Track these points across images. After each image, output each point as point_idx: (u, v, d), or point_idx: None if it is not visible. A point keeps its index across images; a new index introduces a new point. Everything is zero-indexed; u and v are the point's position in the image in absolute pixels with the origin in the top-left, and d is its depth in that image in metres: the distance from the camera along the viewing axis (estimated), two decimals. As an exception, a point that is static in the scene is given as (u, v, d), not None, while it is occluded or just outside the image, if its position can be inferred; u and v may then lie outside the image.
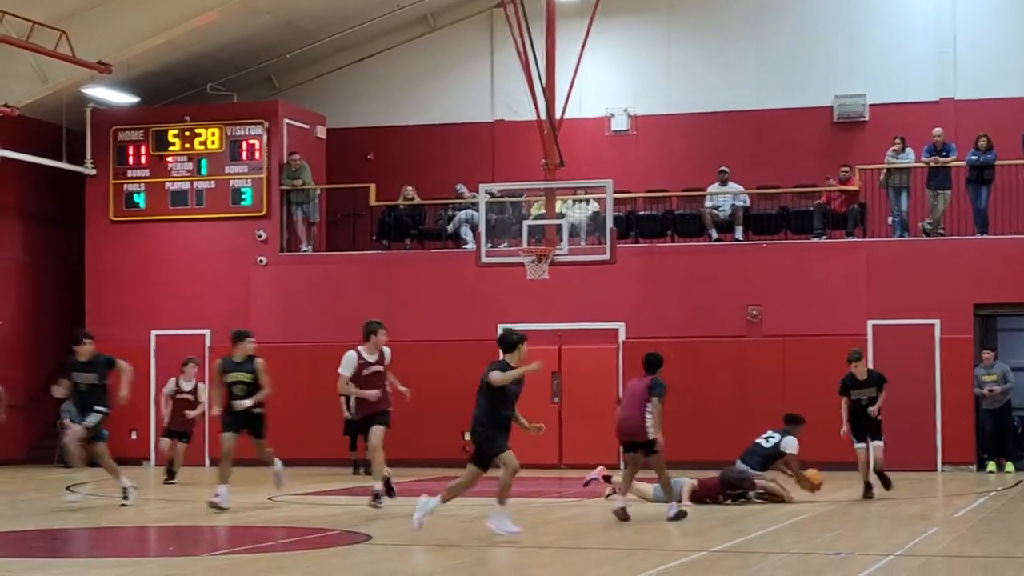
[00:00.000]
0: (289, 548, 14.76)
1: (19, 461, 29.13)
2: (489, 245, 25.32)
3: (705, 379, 26.12)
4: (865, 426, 19.96)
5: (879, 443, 20.02)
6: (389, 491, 18.31)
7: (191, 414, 24.30)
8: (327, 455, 27.46)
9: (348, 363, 17.74)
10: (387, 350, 18.12)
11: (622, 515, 16.90)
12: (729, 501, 19.38)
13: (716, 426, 25.36)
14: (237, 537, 15.84)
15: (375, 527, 16.39)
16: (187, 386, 24.41)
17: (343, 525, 16.91)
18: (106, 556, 14.46)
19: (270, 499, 20.74)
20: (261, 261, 29.44)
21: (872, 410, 19.86)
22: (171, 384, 24.57)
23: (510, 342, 15.27)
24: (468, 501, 21.38)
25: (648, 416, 17.07)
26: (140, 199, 30.33)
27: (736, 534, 15.62)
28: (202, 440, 26.99)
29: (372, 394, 17.72)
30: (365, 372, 17.78)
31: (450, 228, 29.32)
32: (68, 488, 20.72)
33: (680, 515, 17.06)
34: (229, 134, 30.02)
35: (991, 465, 25.62)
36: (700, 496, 19.35)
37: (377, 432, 17.80)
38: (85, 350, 19.85)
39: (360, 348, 17.90)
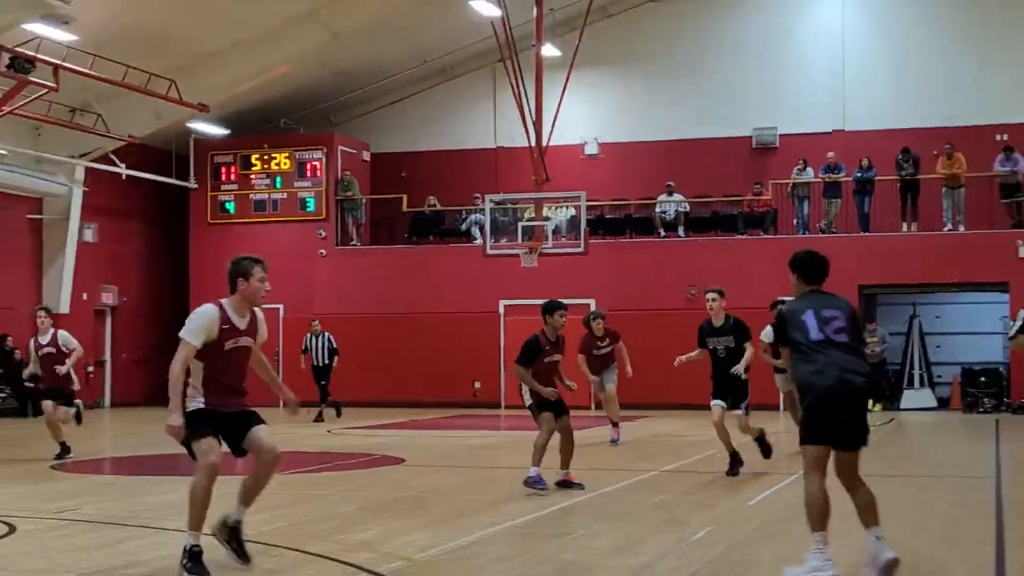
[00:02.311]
0: (340, 468, 14.79)
1: (138, 403, 29.19)
2: (493, 241, 25.34)
3: (655, 341, 26.01)
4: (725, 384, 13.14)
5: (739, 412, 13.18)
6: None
7: (62, 369, 15.58)
8: (377, 397, 27.59)
9: (203, 322, 7.74)
10: (259, 313, 8.17)
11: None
12: None
13: (664, 377, 25.12)
14: (301, 460, 15.86)
15: (408, 453, 16.44)
16: (44, 339, 15.75)
17: (383, 451, 16.96)
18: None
19: (329, 431, 20.76)
20: (322, 253, 29.49)
21: (737, 369, 12.88)
22: (31, 341, 16.29)
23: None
24: (475, 432, 21.33)
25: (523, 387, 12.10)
26: (230, 207, 30.38)
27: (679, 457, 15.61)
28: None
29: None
30: (229, 344, 7.78)
31: (463, 228, 29.37)
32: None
33: (537, 482, 11.66)
34: (297, 157, 30.08)
35: (871, 404, 25.66)
36: None
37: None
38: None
39: (224, 302, 7.99)
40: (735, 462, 13.18)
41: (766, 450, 13.72)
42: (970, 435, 20.81)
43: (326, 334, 24.63)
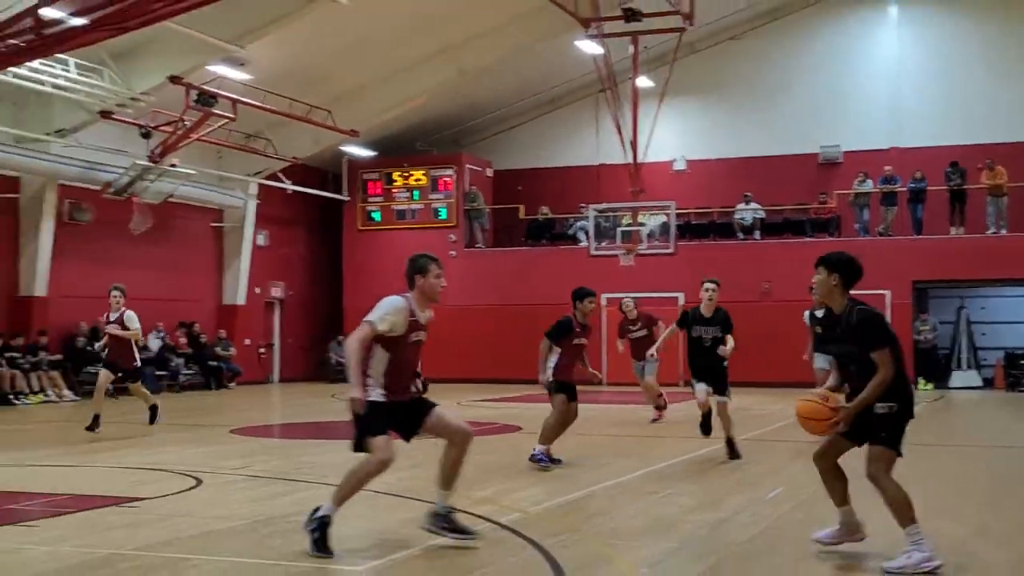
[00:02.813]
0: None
1: (303, 379, 29.81)
2: (596, 243, 25.34)
3: (736, 330, 25.88)
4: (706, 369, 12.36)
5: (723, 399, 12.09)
6: None
7: (112, 328, 14.42)
8: (498, 375, 27.71)
9: (390, 310, 7.09)
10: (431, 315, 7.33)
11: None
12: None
13: (743, 360, 24.88)
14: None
15: (524, 422, 16.50)
16: (112, 316, 14.48)
17: (503, 420, 17.07)
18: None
19: (458, 404, 20.88)
20: (452, 255, 29.70)
21: (724, 350, 12.34)
22: (103, 318, 14.99)
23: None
24: (580, 406, 21.15)
25: (550, 358, 11.28)
26: (376, 216, 30.77)
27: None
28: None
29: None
30: (413, 336, 7.03)
31: (571, 232, 29.39)
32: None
33: (542, 459, 11.04)
34: (431, 174, 30.33)
35: (922, 383, 25.18)
36: None
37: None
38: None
39: (408, 295, 7.27)
40: (732, 448, 11.71)
41: (733, 453, 11.61)
42: (1012, 411, 20.26)
43: None
